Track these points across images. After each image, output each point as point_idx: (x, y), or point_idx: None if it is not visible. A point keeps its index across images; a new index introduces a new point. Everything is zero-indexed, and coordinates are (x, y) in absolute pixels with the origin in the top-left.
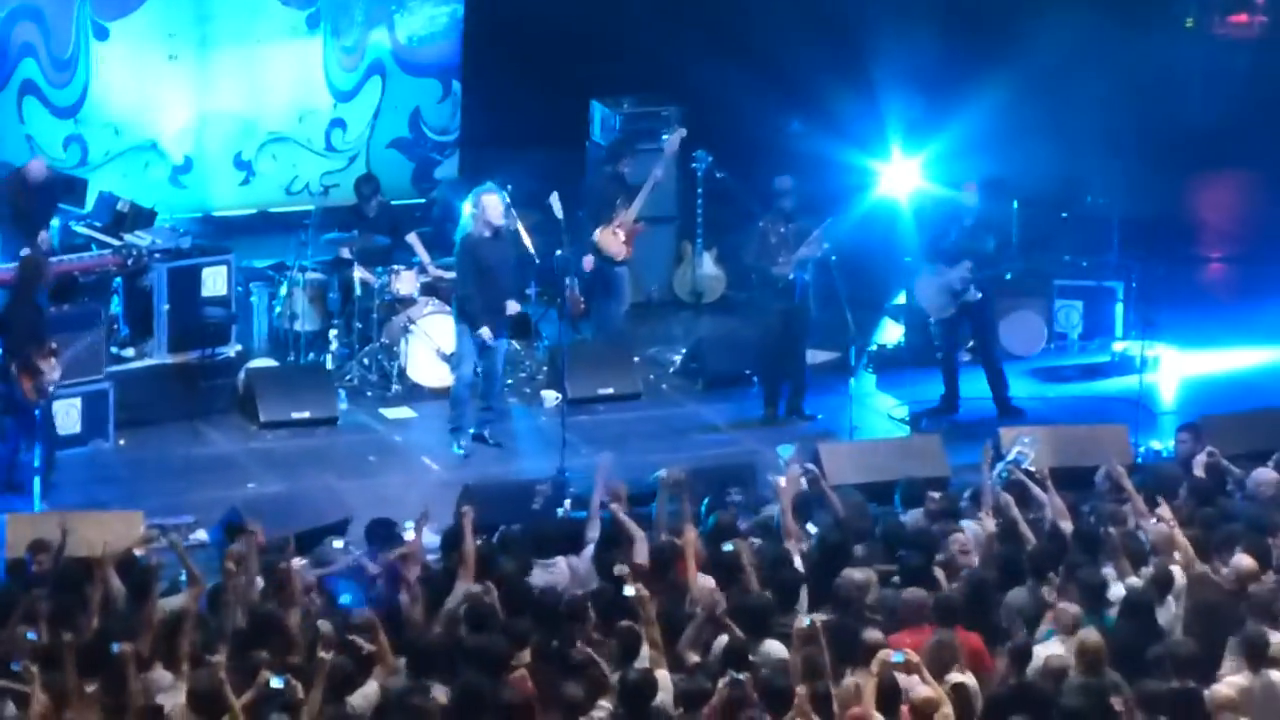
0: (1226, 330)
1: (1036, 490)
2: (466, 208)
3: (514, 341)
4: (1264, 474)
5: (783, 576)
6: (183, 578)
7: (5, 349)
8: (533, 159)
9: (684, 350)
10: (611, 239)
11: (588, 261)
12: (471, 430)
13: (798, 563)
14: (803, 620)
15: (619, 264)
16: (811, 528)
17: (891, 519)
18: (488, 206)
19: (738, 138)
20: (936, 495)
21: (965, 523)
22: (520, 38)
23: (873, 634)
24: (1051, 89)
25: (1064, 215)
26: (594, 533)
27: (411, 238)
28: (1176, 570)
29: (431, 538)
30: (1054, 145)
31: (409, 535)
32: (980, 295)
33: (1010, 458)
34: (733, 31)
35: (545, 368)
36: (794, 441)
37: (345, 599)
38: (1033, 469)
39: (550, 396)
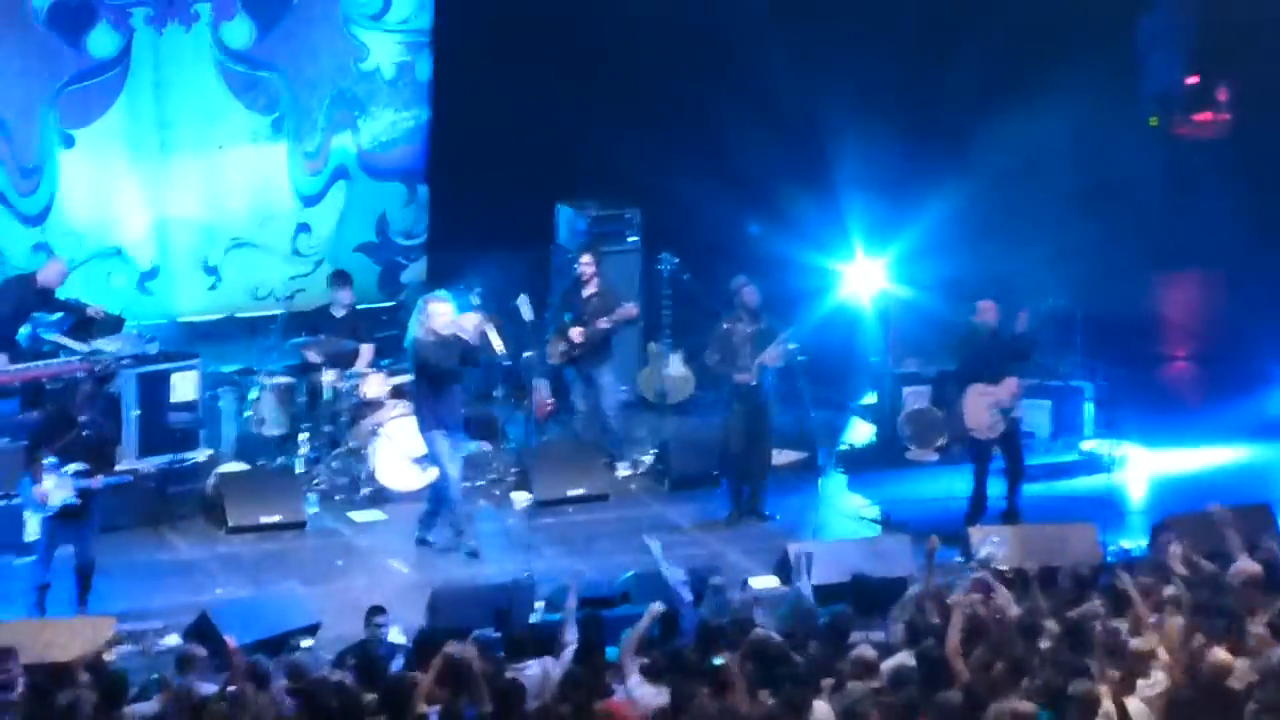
0: (1191, 428)
1: (1001, 592)
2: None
3: (481, 443)
4: (1244, 564)
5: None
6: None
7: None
8: (500, 261)
9: (652, 451)
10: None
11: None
12: (429, 538)
13: None
14: None
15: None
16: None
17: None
18: (433, 314)
19: (701, 240)
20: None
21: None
22: (486, 142)
23: None
24: (1015, 188)
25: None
26: (571, 636)
27: (365, 349)
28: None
29: (399, 638)
30: (1016, 245)
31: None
32: (1021, 411)
33: (981, 556)
34: (695, 135)
35: (513, 469)
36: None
37: None
38: (1003, 568)
39: (519, 498)
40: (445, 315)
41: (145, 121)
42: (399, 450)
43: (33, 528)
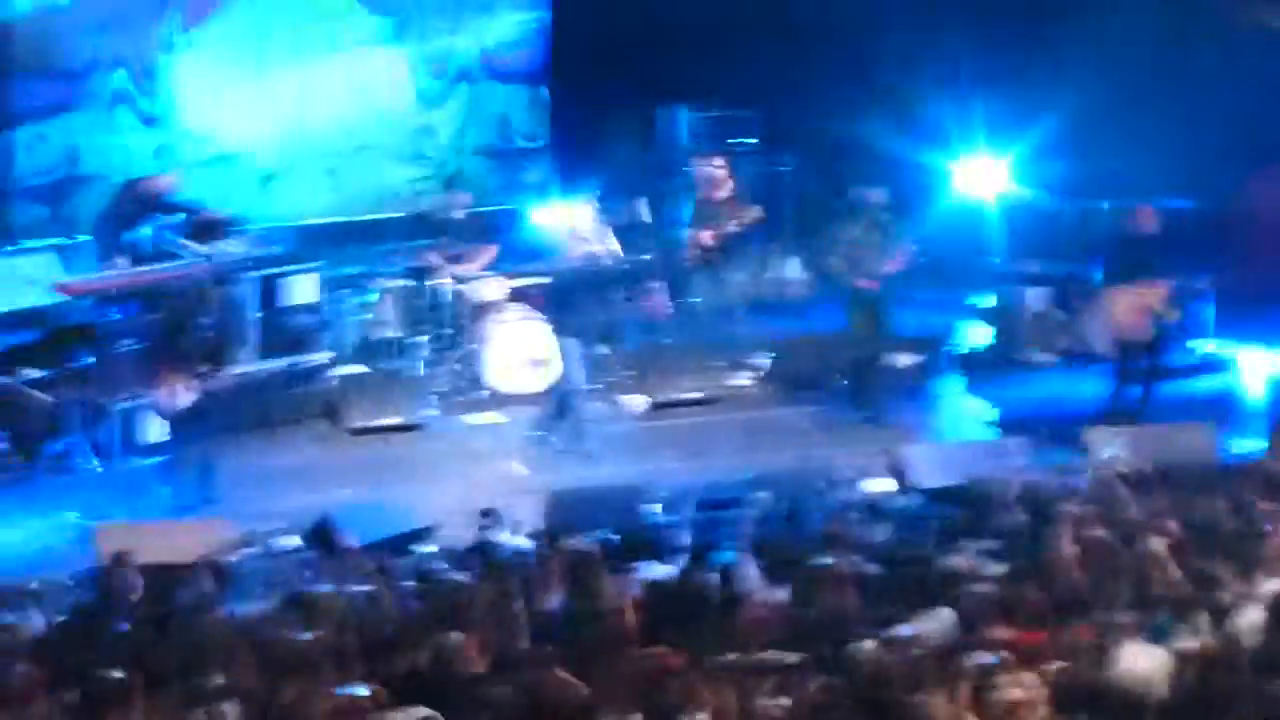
0: None
1: (1124, 491)
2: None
3: (599, 345)
4: None
5: None
6: None
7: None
8: (621, 164)
9: (771, 354)
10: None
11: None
12: (550, 439)
13: None
14: None
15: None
16: None
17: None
18: (577, 219)
19: (821, 140)
20: None
21: None
22: (606, 44)
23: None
24: (1138, 88)
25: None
26: (685, 540)
27: (485, 251)
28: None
29: (524, 541)
30: (1138, 146)
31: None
32: (1179, 316)
33: (1104, 457)
34: (816, 35)
35: (630, 372)
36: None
37: None
38: (1124, 469)
39: (636, 400)
40: (588, 220)
41: (267, 22)
42: (517, 352)
43: (155, 430)
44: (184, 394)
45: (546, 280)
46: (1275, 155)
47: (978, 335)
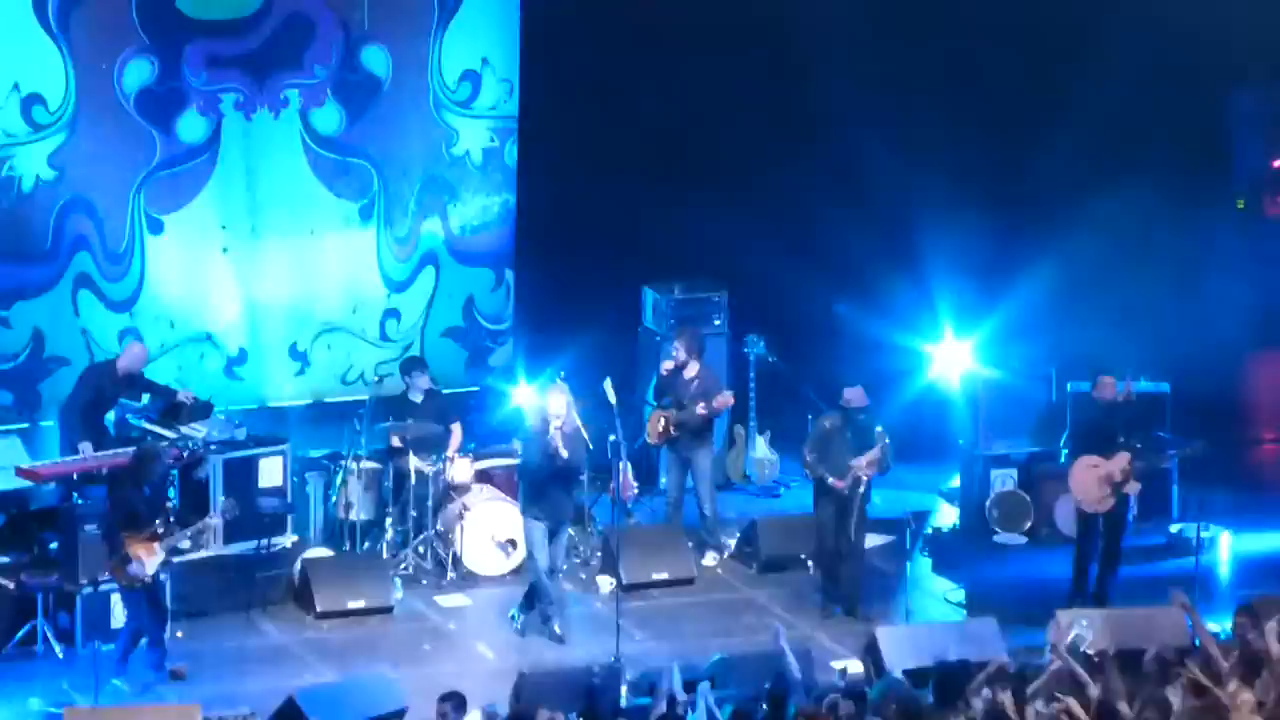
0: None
1: (1083, 675)
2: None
3: (570, 528)
4: None
5: None
6: None
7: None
8: (586, 345)
9: (737, 534)
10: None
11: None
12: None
13: None
14: None
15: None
16: None
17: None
18: (552, 406)
19: (788, 322)
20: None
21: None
22: (572, 226)
23: None
24: (1103, 270)
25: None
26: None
27: (455, 431)
28: None
29: None
30: (1105, 327)
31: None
32: (1139, 487)
33: (1069, 640)
34: (781, 217)
35: (599, 553)
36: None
37: None
38: (1090, 652)
39: (605, 582)
40: (562, 408)
41: (235, 207)
42: (485, 534)
43: (120, 615)
44: (156, 562)
45: (513, 462)
46: (1250, 341)
47: (945, 516)
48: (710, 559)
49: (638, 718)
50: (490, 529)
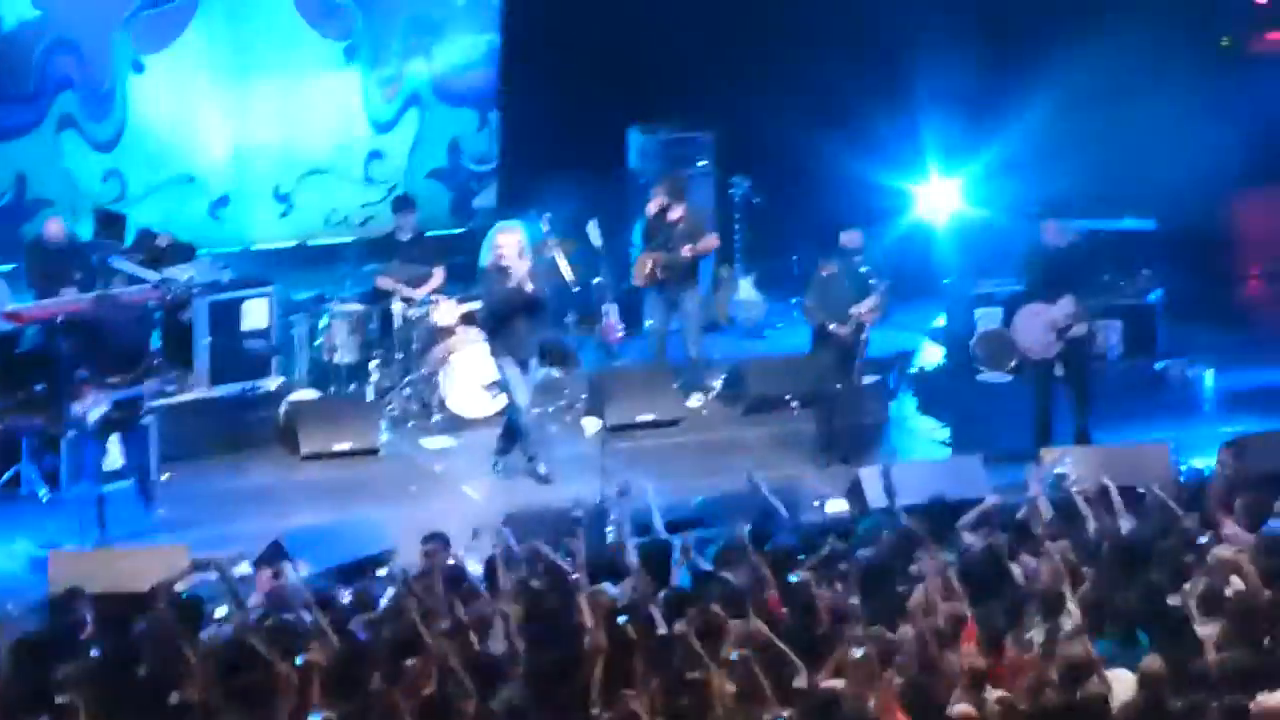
0: (1267, 348)
1: (1083, 507)
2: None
3: (553, 369)
4: None
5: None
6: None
7: None
8: (571, 186)
9: (722, 375)
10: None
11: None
12: (501, 464)
13: None
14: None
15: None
16: None
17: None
18: (500, 245)
19: (774, 162)
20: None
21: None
22: (557, 66)
23: None
24: (1088, 109)
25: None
26: (633, 559)
27: (435, 274)
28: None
29: (474, 566)
30: (1091, 165)
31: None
32: (1085, 330)
33: (1053, 476)
34: (768, 56)
35: (584, 395)
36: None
37: None
38: (1075, 489)
39: (590, 424)
40: (511, 247)
41: (218, 48)
42: (470, 376)
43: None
44: (97, 408)
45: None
46: (1238, 178)
47: (931, 355)
48: (696, 400)
49: (623, 557)
50: (476, 371)
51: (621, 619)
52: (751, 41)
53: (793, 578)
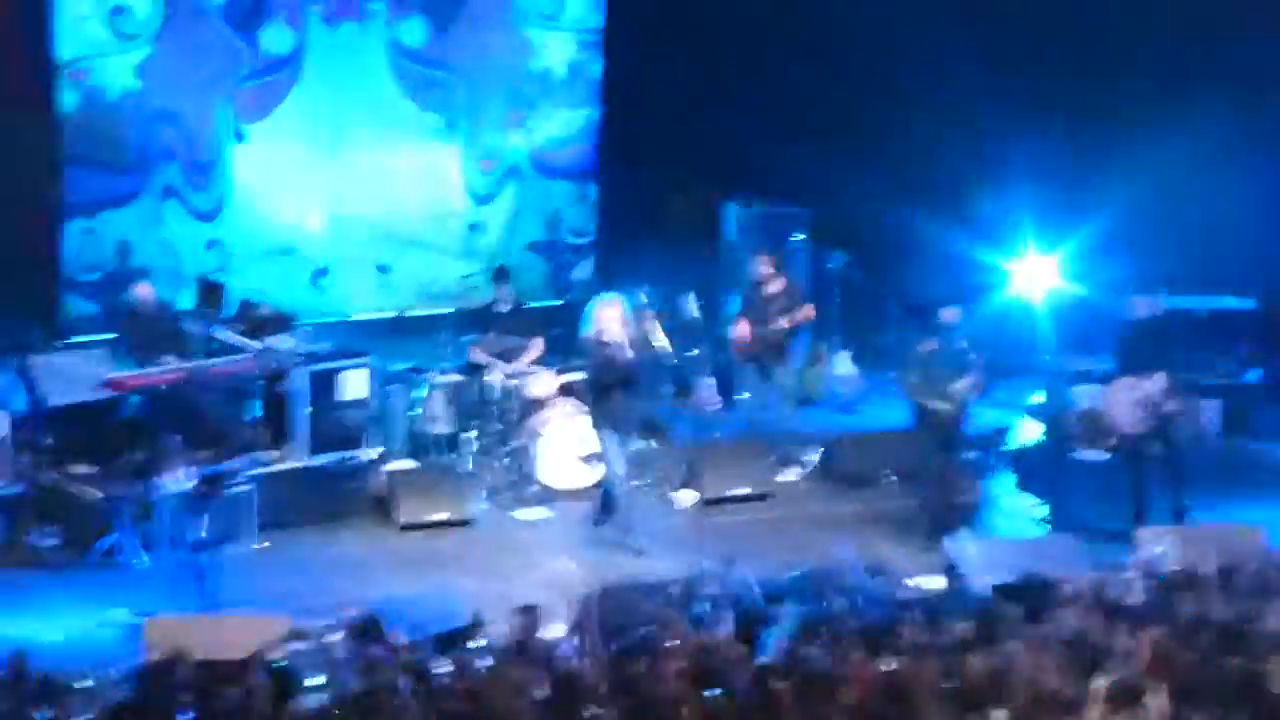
0: None
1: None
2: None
3: (648, 442)
4: None
5: None
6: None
7: None
8: (667, 259)
9: (818, 450)
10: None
11: None
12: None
13: None
14: None
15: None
16: None
17: None
18: (601, 317)
19: (869, 238)
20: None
21: None
22: (655, 140)
23: None
24: (1187, 185)
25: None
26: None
27: (533, 345)
28: None
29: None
30: (1191, 242)
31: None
32: (1179, 407)
33: (1148, 558)
34: (864, 129)
35: (679, 468)
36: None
37: None
38: (1171, 569)
39: (685, 497)
40: (613, 319)
41: (319, 118)
42: (565, 448)
43: (204, 525)
44: (180, 480)
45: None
46: None
47: (1030, 432)
48: (790, 475)
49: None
50: (570, 443)
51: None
52: (848, 115)
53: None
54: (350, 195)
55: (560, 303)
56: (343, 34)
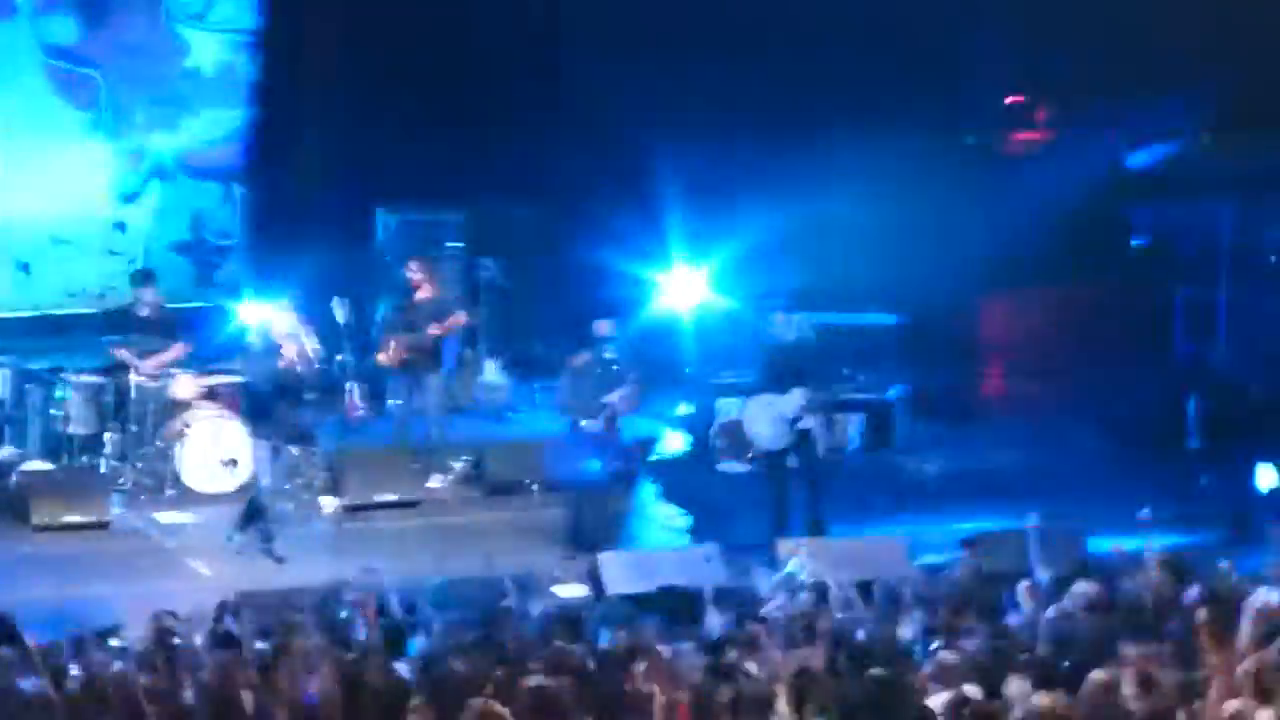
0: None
1: (810, 600)
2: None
3: (291, 447)
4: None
5: None
6: None
7: None
8: (316, 263)
9: (465, 458)
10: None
11: None
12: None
13: None
14: None
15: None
16: None
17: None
18: (268, 326)
19: (518, 246)
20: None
21: None
22: (305, 144)
23: None
24: (837, 202)
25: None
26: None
27: (175, 347)
28: None
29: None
30: (837, 259)
31: None
32: (814, 423)
33: (787, 570)
34: (514, 142)
35: (323, 473)
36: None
37: None
38: (808, 580)
39: (328, 503)
40: (281, 328)
41: None
42: (207, 452)
43: None
44: None
45: (240, 379)
46: (983, 278)
47: (676, 443)
48: (436, 481)
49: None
50: (213, 446)
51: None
52: (497, 129)
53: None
54: None
55: (203, 305)
56: None
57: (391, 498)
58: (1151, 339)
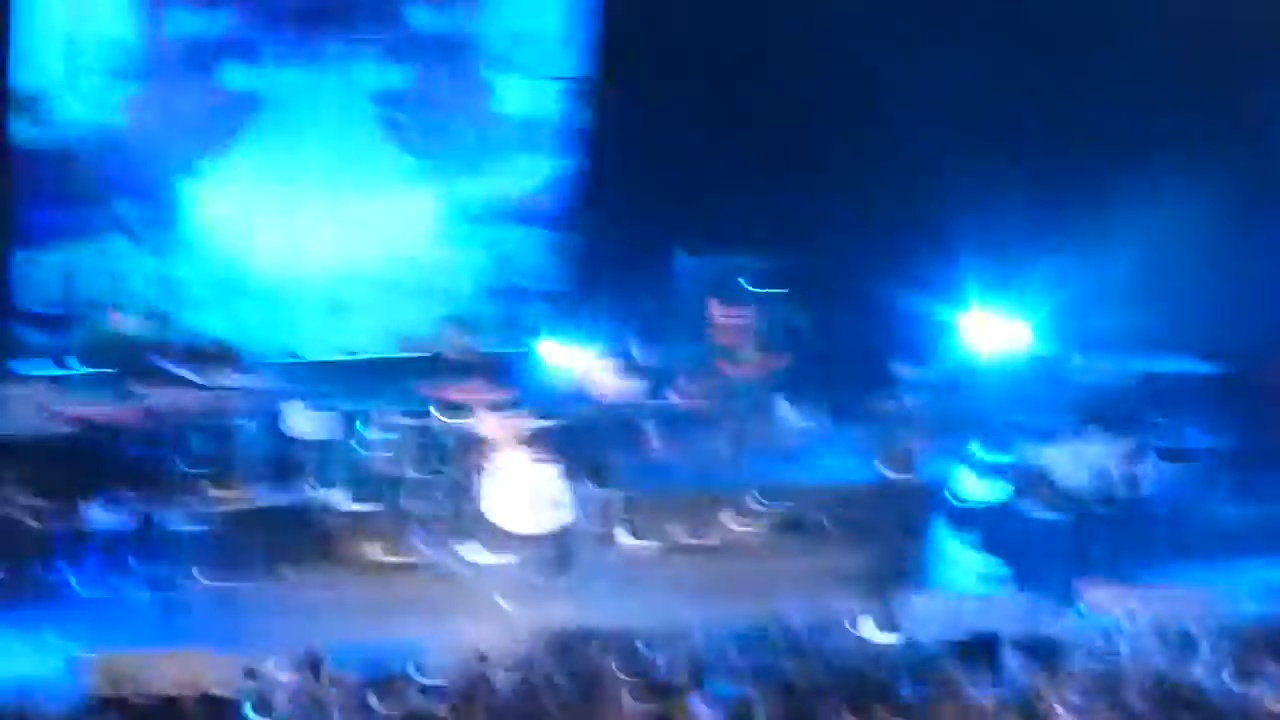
0: None
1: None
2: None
3: (598, 488)
4: None
5: None
6: None
7: None
8: (637, 309)
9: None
10: None
11: None
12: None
13: None
14: None
15: None
16: None
17: None
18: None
19: (819, 289)
20: None
21: None
22: (631, 190)
23: None
24: (1145, 246)
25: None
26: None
27: (488, 390)
28: None
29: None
30: (1148, 303)
31: None
32: (1123, 470)
33: (1095, 618)
34: (816, 189)
35: (627, 515)
36: None
37: None
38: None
39: (630, 543)
40: (592, 367)
41: (279, 158)
42: (525, 493)
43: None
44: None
45: (557, 422)
46: None
47: (984, 489)
48: (735, 523)
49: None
50: (531, 488)
51: None
52: (804, 171)
53: None
54: (313, 233)
55: (525, 349)
56: (310, 76)
57: (692, 540)
58: None
